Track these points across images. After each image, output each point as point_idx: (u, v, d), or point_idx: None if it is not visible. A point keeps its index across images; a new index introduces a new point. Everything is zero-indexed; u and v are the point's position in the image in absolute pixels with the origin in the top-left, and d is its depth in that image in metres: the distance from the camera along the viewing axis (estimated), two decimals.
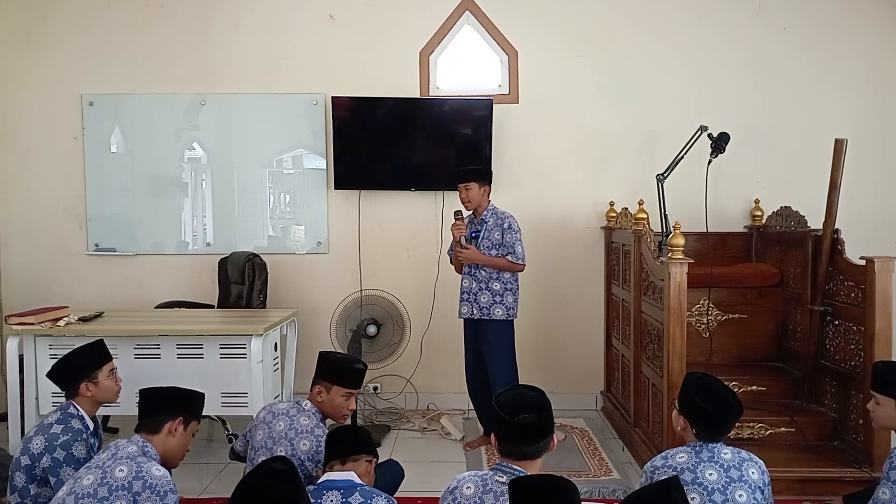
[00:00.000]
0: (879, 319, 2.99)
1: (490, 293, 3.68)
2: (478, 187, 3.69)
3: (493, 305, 3.68)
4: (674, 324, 3.07)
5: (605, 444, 3.91)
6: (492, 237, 3.68)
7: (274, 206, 4.65)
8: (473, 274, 3.73)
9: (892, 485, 2.18)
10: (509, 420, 1.92)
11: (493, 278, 3.69)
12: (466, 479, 1.97)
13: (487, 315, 3.69)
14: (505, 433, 1.95)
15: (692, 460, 2.12)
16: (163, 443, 2.25)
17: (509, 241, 3.66)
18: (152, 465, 2.09)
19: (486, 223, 3.71)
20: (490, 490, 1.90)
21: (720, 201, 4.35)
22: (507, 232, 3.67)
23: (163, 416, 2.27)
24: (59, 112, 4.57)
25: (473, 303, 3.71)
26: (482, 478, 1.96)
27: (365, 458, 2.29)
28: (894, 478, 2.18)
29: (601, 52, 4.50)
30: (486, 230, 3.70)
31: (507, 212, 3.74)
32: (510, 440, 1.94)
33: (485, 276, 3.70)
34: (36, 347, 3.48)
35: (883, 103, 4.46)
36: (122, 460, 2.08)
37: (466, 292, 3.75)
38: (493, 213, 3.73)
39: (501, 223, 3.68)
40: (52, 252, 4.61)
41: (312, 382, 2.68)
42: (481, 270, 3.70)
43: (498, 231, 3.68)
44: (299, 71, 4.53)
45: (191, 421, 2.35)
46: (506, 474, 1.91)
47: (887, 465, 2.23)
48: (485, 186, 3.72)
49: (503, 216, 3.71)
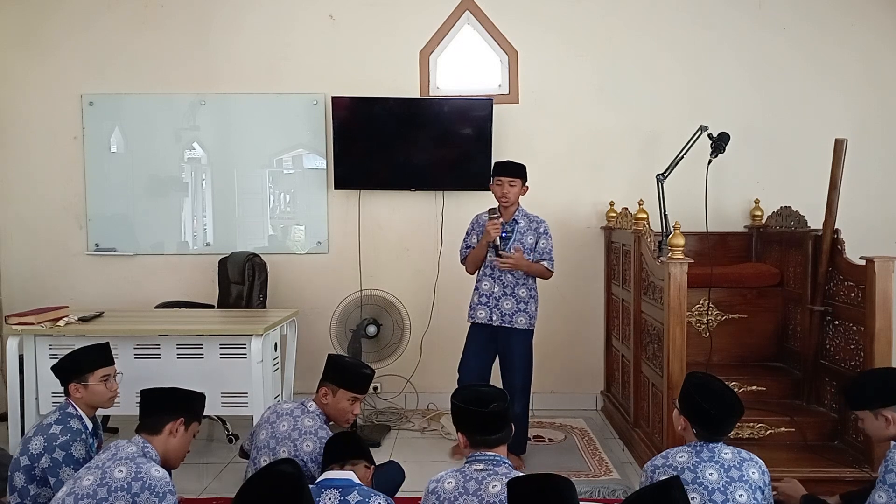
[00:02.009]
0: (879, 319, 2.98)
1: (514, 300, 3.52)
2: (520, 185, 3.53)
3: (516, 313, 3.53)
4: (674, 324, 3.07)
5: (605, 444, 3.91)
6: (524, 240, 3.53)
7: (274, 206, 4.65)
8: (498, 277, 3.53)
9: (888, 488, 2.17)
10: (482, 411, 2.04)
11: (521, 284, 3.53)
12: (445, 476, 2.03)
13: (510, 323, 3.52)
14: (476, 425, 2.06)
15: (692, 460, 2.12)
16: (164, 443, 2.25)
17: (545, 247, 3.54)
18: (151, 467, 2.09)
19: (517, 224, 3.56)
20: (471, 478, 1.98)
21: (720, 201, 4.35)
22: (544, 237, 3.55)
23: (164, 416, 2.28)
24: (59, 112, 4.57)
25: (494, 308, 3.53)
26: (460, 472, 2.02)
27: (363, 463, 2.31)
28: (890, 481, 2.17)
29: (601, 52, 4.50)
30: (518, 232, 3.54)
31: (538, 216, 3.63)
32: (481, 430, 2.06)
33: (512, 280, 3.53)
34: (36, 347, 3.48)
35: (882, 103, 4.46)
36: (121, 461, 2.08)
37: (487, 296, 3.55)
38: (524, 215, 3.60)
39: (537, 227, 3.56)
40: (52, 252, 4.61)
41: (319, 384, 2.69)
42: (509, 275, 3.52)
43: (531, 235, 3.54)
44: (299, 71, 4.53)
45: (192, 422, 2.35)
46: (482, 462, 2.01)
47: (882, 469, 2.23)
48: (525, 186, 3.57)
49: (538, 220, 3.59)
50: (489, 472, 1.98)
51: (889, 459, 2.21)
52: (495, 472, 1.98)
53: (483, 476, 1.97)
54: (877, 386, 2.33)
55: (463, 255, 3.72)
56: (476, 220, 3.71)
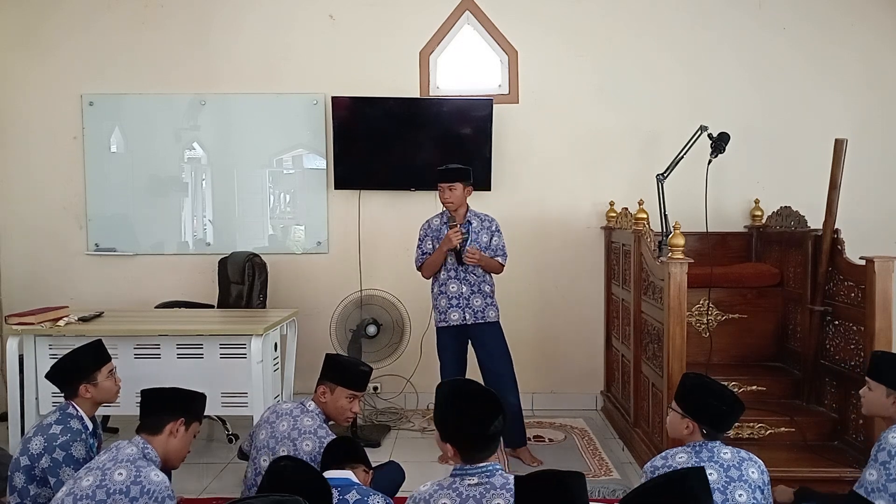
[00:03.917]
0: (879, 319, 2.98)
1: (482, 296, 3.63)
2: (462, 188, 3.58)
3: (486, 308, 3.63)
4: (674, 324, 3.07)
5: (605, 444, 3.91)
6: (480, 239, 3.62)
7: (274, 206, 4.65)
8: (464, 278, 3.61)
9: (879, 466, 2.22)
10: (484, 433, 1.85)
11: (484, 281, 3.65)
12: (436, 494, 1.85)
13: (482, 318, 3.63)
14: (473, 444, 1.87)
15: (692, 460, 2.12)
16: (164, 444, 2.25)
17: (499, 243, 3.66)
18: (151, 471, 2.09)
19: (470, 224, 3.63)
20: (469, 497, 1.81)
21: (720, 201, 4.35)
22: (496, 234, 3.66)
23: (164, 416, 2.27)
24: (59, 112, 4.57)
25: (466, 308, 3.61)
26: (451, 488, 1.85)
27: (362, 467, 2.31)
28: (882, 459, 2.22)
29: (601, 52, 4.50)
30: (473, 232, 3.61)
31: (488, 214, 3.71)
32: (478, 449, 1.87)
33: (476, 279, 3.63)
34: (36, 347, 3.48)
35: (882, 103, 4.46)
36: (121, 463, 2.08)
37: (457, 297, 3.62)
38: (475, 215, 3.67)
39: (489, 226, 3.66)
40: (52, 252, 4.61)
41: (317, 383, 2.69)
42: (472, 274, 3.62)
43: (486, 234, 3.64)
44: (299, 71, 4.53)
45: (192, 422, 2.35)
46: (475, 475, 1.85)
47: (875, 448, 2.27)
48: (468, 187, 3.61)
49: (489, 219, 3.68)
50: (485, 485, 1.83)
51: (882, 439, 2.26)
52: (492, 484, 1.83)
53: (481, 492, 1.81)
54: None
55: (419, 262, 3.74)
56: (427, 226, 3.74)
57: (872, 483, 2.22)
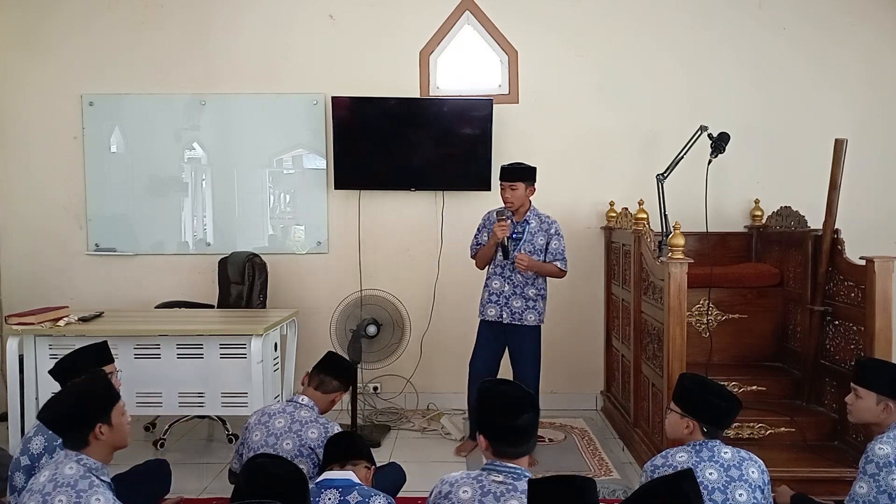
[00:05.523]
0: (879, 319, 2.98)
1: (524, 299, 3.59)
2: (524, 188, 3.55)
3: (525, 311, 3.60)
4: (674, 324, 3.07)
5: (605, 444, 3.91)
6: (535, 241, 3.58)
7: (274, 206, 4.65)
8: (508, 277, 3.60)
9: (868, 478, 2.21)
10: (511, 424, 1.88)
11: (530, 284, 3.59)
12: (460, 483, 1.90)
13: (519, 321, 3.60)
14: (502, 435, 1.91)
15: (692, 459, 2.12)
16: (97, 449, 2.07)
17: (558, 247, 3.60)
18: (92, 495, 1.94)
19: (528, 225, 3.60)
20: (489, 492, 1.85)
21: (720, 201, 4.35)
22: (555, 238, 3.60)
23: (81, 430, 2.05)
24: (59, 112, 4.57)
25: (504, 306, 3.60)
26: (476, 479, 1.90)
27: (364, 463, 2.30)
28: (871, 471, 2.22)
29: (601, 52, 4.50)
30: (529, 233, 3.59)
31: (550, 216, 3.67)
32: (507, 442, 1.91)
33: (521, 280, 3.59)
34: (36, 347, 3.48)
35: (882, 103, 4.46)
36: (62, 489, 1.93)
37: (497, 294, 3.62)
38: (535, 215, 3.63)
39: (548, 228, 3.61)
40: (52, 252, 4.61)
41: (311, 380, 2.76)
42: (518, 275, 3.58)
43: (542, 236, 3.59)
44: (299, 71, 4.53)
45: (109, 415, 2.08)
46: (502, 473, 1.88)
47: (863, 461, 2.27)
48: (530, 187, 3.60)
49: (549, 221, 3.64)
50: (508, 486, 1.85)
51: (869, 450, 2.26)
52: (515, 486, 1.85)
53: (502, 491, 1.84)
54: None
55: (473, 251, 3.79)
56: (487, 217, 3.75)
57: (863, 496, 2.21)
